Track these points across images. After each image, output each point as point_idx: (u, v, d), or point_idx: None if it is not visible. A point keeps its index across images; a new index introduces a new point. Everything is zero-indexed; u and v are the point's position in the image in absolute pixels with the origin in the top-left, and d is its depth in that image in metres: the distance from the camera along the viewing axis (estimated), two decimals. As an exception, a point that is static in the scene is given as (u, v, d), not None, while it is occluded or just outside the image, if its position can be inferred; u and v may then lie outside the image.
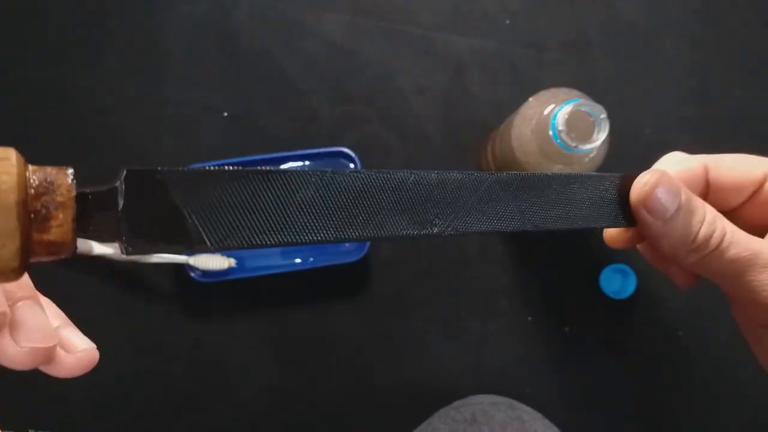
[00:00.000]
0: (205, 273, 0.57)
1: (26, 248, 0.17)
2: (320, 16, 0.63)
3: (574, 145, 0.42)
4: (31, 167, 0.18)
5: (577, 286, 0.62)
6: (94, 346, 0.24)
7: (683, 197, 0.27)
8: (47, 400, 0.59)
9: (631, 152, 0.62)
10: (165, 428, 0.61)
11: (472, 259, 0.62)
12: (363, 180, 0.23)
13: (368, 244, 0.58)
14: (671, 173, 0.28)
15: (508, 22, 0.63)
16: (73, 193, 0.18)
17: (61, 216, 0.18)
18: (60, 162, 0.20)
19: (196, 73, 0.62)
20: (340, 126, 0.62)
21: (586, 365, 0.63)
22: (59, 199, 0.18)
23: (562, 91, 0.47)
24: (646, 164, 0.61)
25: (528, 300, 0.62)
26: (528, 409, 0.55)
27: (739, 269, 0.27)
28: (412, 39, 0.63)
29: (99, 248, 0.55)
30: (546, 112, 0.45)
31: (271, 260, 0.59)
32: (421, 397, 0.60)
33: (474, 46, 0.63)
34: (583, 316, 0.62)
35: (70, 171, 0.19)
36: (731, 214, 0.30)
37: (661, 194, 0.27)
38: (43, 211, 0.17)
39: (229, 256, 0.57)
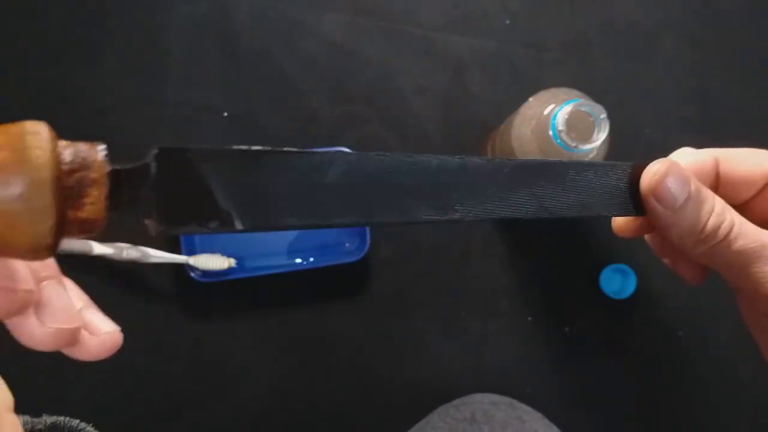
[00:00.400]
0: (205, 273, 0.57)
1: (60, 226, 0.16)
2: (320, 16, 0.63)
3: (574, 145, 0.42)
4: (62, 142, 0.17)
5: (577, 286, 0.62)
6: (118, 328, 0.24)
7: (693, 187, 0.27)
8: (47, 400, 0.59)
9: (631, 152, 0.62)
10: (165, 428, 0.61)
11: (472, 258, 0.62)
12: (387, 163, 0.22)
13: (368, 244, 0.58)
14: (682, 164, 0.28)
15: (508, 22, 0.63)
16: (107, 170, 0.18)
17: (95, 193, 0.17)
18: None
19: (196, 73, 0.62)
20: (340, 126, 0.62)
21: (586, 365, 0.63)
22: (93, 175, 0.17)
23: (562, 91, 0.47)
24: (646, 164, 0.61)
25: (528, 300, 0.62)
26: (528, 408, 0.55)
27: (745, 260, 0.27)
28: (412, 39, 0.63)
29: (99, 248, 0.55)
30: (546, 112, 0.45)
31: (271, 260, 0.59)
32: (421, 397, 0.60)
33: (474, 46, 0.63)
34: (583, 316, 0.62)
35: (103, 147, 0.18)
36: (741, 207, 0.30)
37: (671, 183, 0.27)
38: (77, 188, 0.17)
39: (229, 256, 0.57)
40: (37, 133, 0.16)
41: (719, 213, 0.27)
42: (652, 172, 0.27)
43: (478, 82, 0.63)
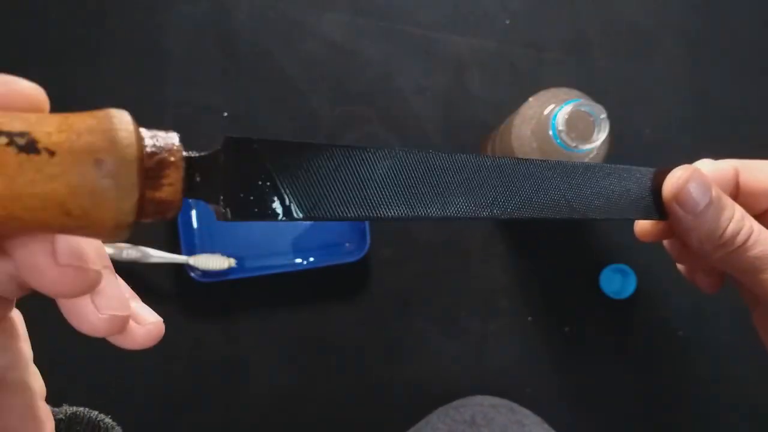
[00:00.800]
0: (205, 273, 0.57)
1: (141, 204, 0.17)
2: (320, 16, 0.63)
3: (574, 145, 0.42)
4: (143, 128, 0.19)
5: (577, 286, 0.62)
6: (161, 319, 0.25)
7: (714, 193, 0.28)
8: (47, 400, 0.59)
9: (631, 152, 0.62)
10: (165, 428, 0.61)
11: (472, 259, 0.62)
12: (430, 159, 0.24)
13: (368, 244, 0.58)
14: (703, 171, 0.29)
15: (508, 22, 0.63)
16: (182, 154, 0.19)
17: (173, 175, 0.18)
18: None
19: (196, 73, 0.62)
20: (340, 126, 0.62)
21: (586, 365, 0.63)
22: (171, 159, 0.18)
23: (562, 91, 0.47)
24: (646, 164, 0.61)
25: (528, 300, 0.62)
26: (528, 412, 0.55)
27: (760, 266, 0.28)
28: (412, 39, 0.63)
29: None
30: (546, 112, 0.45)
31: (271, 260, 0.59)
32: (421, 397, 0.60)
33: (474, 46, 0.63)
34: (583, 316, 0.62)
35: (178, 134, 0.19)
36: (760, 217, 0.30)
37: (693, 189, 0.28)
38: (157, 170, 0.18)
39: (229, 256, 0.57)
40: (122, 117, 0.18)
41: (738, 220, 0.28)
42: (676, 177, 0.29)
43: (478, 82, 0.63)
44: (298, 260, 0.59)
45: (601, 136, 0.42)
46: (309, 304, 0.61)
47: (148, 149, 0.18)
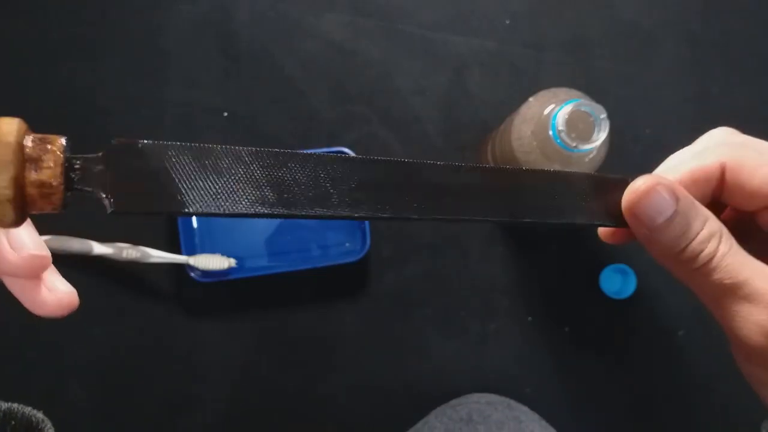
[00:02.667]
0: (206, 273, 0.57)
1: (20, 183, 0.20)
2: (320, 16, 0.63)
3: (574, 145, 0.42)
4: (32, 132, 0.22)
5: (577, 286, 0.62)
6: (74, 290, 0.26)
7: (677, 207, 0.25)
8: (45, 396, 0.59)
9: (631, 152, 0.62)
10: (163, 428, 0.61)
11: (472, 259, 0.62)
12: (316, 159, 0.24)
13: (368, 244, 0.58)
14: (678, 173, 0.27)
15: (508, 22, 0.63)
16: (63, 144, 0.22)
17: (50, 160, 0.21)
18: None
19: (196, 73, 0.62)
20: (340, 126, 0.62)
21: (586, 365, 0.63)
22: (51, 148, 0.21)
23: (562, 91, 0.47)
24: (646, 164, 0.61)
25: (528, 300, 0.62)
26: (525, 409, 0.55)
27: (719, 294, 0.26)
28: (412, 39, 0.63)
29: (99, 248, 0.55)
30: (546, 112, 0.45)
31: (271, 260, 0.59)
32: (421, 397, 0.60)
33: (474, 46, 0.63)
34: (583, 316, 0.62)
35: (64, 137, 0.22)
36: (750, 215, 0.28)
37: (650, 204, 0.26)
38: (36, 156, 0.21)
39: (229, 256, 0.57)
40: (11, 120, 0.21)
41: (702, 240, 0.26)
42: (633, 189, 0.26)
43: (478, 82, 0.63)
44: (298, 260, 0.59)
45: (601, 136, 0.42)
46: (309, 304, 0.61)
47: (31, 143, 0.21)
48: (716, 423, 0.63)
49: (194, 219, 0.59)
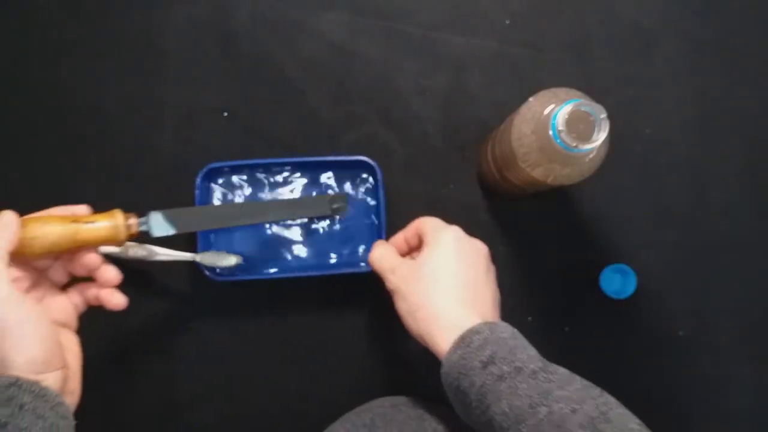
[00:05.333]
0: (216, 272, 0.57)
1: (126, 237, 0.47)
2: (320, 16, 0.63)
3: (574, 145, 0.42)
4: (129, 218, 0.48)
5: (577, 286, 0.62)
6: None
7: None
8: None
9: (631, 152, 0.62)
10: (167, 427, 0.61)
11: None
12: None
13: None
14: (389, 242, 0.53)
15: (508, 22, 0.63)
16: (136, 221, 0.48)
17: (133, 228, 0.47)
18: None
19: (196, 73, 0.62)
20: (340, 126, 0.62)
21: (586, 365, 0.63)
22: (131, 222, 0.48)
23: (562, 91, 0.47)
24: (647, 164, 0.61)
25: (528, 300, 0.62)
26: (434, 405, 0.55)
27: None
28: (412, 39, 0.63)
29: (104, 247, 0.55)
30: (546, 112, 0.45)
31: (286, 264, 0.60)
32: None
33: (474, 46, 0.63)
34: (583, 316, 0.62)
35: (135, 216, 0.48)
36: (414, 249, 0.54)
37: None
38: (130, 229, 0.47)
39: (243, 259, 0.58)
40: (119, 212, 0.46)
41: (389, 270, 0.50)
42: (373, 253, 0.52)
43: (478, 82, 0.63)
44: (314, 265, 0.60)
45: (601, 136, 0.42)
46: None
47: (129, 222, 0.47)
48: (716, 423, 0.63)
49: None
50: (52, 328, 0.41)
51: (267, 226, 0.60)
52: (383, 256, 0.51)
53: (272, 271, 0.59)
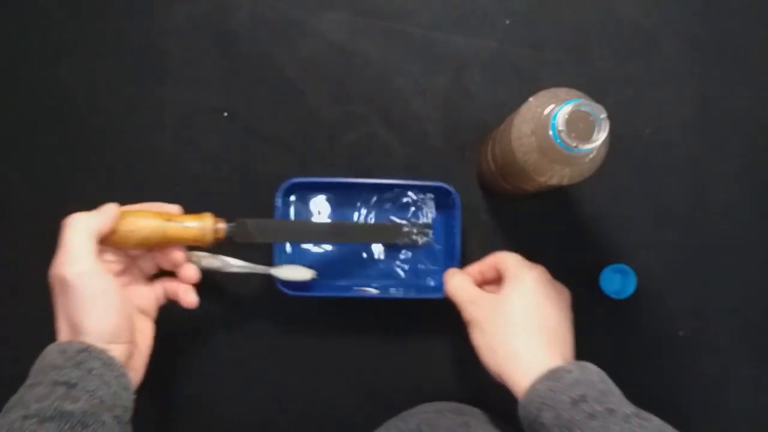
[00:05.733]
0: (292, 285, 0.57)
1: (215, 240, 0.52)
2: (320, 16, 0.63)
3: (574, 145, 0.42)
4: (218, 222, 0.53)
5: (577, 286, 0.62)
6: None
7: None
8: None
9: (631, 152, 0.62)
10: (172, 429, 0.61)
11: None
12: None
13: None
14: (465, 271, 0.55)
15: (508, 22, 0.63)
16: (223, 227, 0.53)
17: (221, 232, 0.53)
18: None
19: (196, 73, 0.62)
20: (340, 126, 0.62)
21: (586, 365, 0.63)
22: (220, 226, 0.53)
23: (562, 91, 0.47)
24: (647, 164, 0.61)
25: (528, 300, 0.62)
26: (477, 412, 0.55)
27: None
28: (412, 39, 0.63)
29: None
30: (546, 112, 0.45)
31: (353, 282, 0.60)
32: (421, 397, 0.60)
33: (474, 46, 0.63)
34: (583, 316, 0.62)
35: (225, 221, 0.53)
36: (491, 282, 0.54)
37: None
38: (218, 232, 0.53)
39: (312, 265, 0.58)
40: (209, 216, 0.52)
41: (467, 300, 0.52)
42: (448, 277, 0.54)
43: (478, 82, 0.63)
44: (386, 287, 0.60)
45: (601, 136, 0.42)
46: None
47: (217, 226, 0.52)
48: (716, 423, 0.63)
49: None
50: (125, 304, 0.46)
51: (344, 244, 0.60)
52: (462, 286, 0.51)
53: (343, 288, 0.60)
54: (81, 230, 0.45)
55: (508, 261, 0.51)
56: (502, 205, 0.62)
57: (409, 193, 0.61)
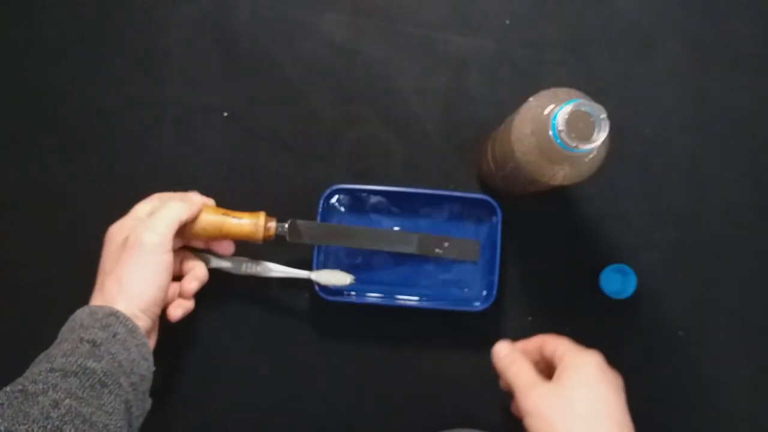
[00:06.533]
0: (328, 290, 0.57)
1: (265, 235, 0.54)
2: (320, 16, 0.63)
3: (574, 145, 0.42)
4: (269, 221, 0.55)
5: (577, 286, 0.62)
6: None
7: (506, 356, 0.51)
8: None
9: (631, 152, 0.62)
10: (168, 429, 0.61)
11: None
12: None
13: (494, 295, 0.58)
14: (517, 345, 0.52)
15: (508, 22, 0.63)
16: (273, 225, 0.55)
17: (271, 230, 0.55)
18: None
19: (196, 73, 0.62)
20: (340, 126, 0.62)
21: (586, 365, 0.63)
22: (269, 225, 0.55)
23: (562, 91, 0.47)
24: (647, 164, 0.61)
25: (528, 300, 0.62)
26: None
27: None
28: (412, 39, 0.63)
29: (216, 262, 0.56)
30: (546, 112, 0.45)
31: (391, 290, 0.60)
32: (421, 397, 0.60)
33: (474, 46, 0.63)
34: (583, 316, 0.62)
35: (275, 220, 0.55)
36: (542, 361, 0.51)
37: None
38: (269, 229, 0.55)
39: (349, 271, 0.58)
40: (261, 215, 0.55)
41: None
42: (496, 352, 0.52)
43: (478, 82, 0.63)
44: (422, 297, 0.60)
45: (601, 136, 0.42)
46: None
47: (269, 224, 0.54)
48: (716, 423, 0.62)
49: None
50: (169, 283, 0.49)
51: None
52: (521, 369, 0.48)
53: (379, 296, 0.60)
54: (174, 215, 0.49)
55: (562, 345, 0.49)
56: (502, 205, 0.62)
57: (449, 204, 0.60)
